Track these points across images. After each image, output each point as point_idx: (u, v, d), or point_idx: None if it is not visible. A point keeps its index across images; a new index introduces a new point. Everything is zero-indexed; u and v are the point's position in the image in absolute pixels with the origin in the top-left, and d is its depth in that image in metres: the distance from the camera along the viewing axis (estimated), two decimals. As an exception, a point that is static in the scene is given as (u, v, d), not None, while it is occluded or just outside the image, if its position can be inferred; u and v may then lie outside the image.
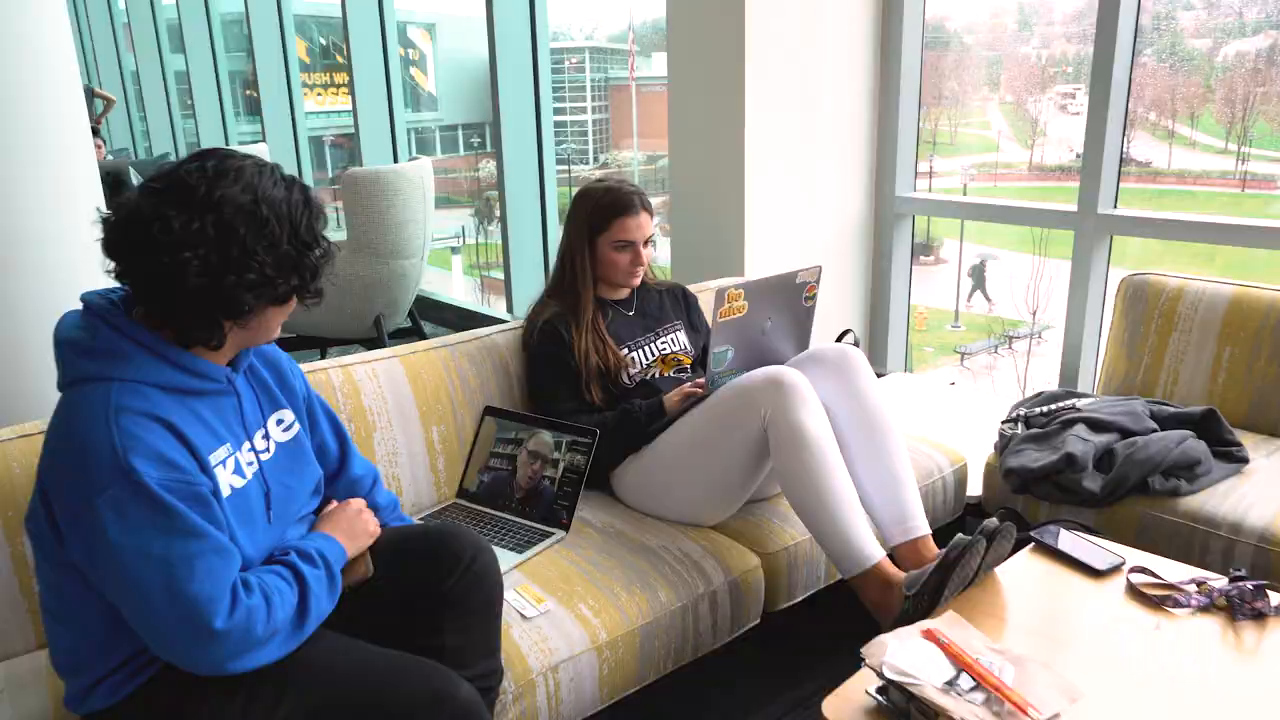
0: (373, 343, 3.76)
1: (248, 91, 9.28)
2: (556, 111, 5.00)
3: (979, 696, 1.19)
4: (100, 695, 1.24)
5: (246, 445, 1.31)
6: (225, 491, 1.24)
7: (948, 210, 3.37)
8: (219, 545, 1.17)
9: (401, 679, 1.27)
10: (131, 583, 1.13)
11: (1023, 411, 2.21)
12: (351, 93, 5.76)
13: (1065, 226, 2.84)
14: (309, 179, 6.99)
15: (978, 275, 14.42)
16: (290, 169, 5.24)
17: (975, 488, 2.23)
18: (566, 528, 1.82)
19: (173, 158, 7.38)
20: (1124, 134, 2.80)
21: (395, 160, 5.79)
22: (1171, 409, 2.12)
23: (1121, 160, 2.81)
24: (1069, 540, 1.67)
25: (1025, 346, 12.55)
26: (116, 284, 1.24)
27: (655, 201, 2.14)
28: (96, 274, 2.63)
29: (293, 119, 6.92)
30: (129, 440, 1.13)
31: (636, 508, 1.94)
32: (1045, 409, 2.18)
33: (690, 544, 1.78)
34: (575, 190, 2.12)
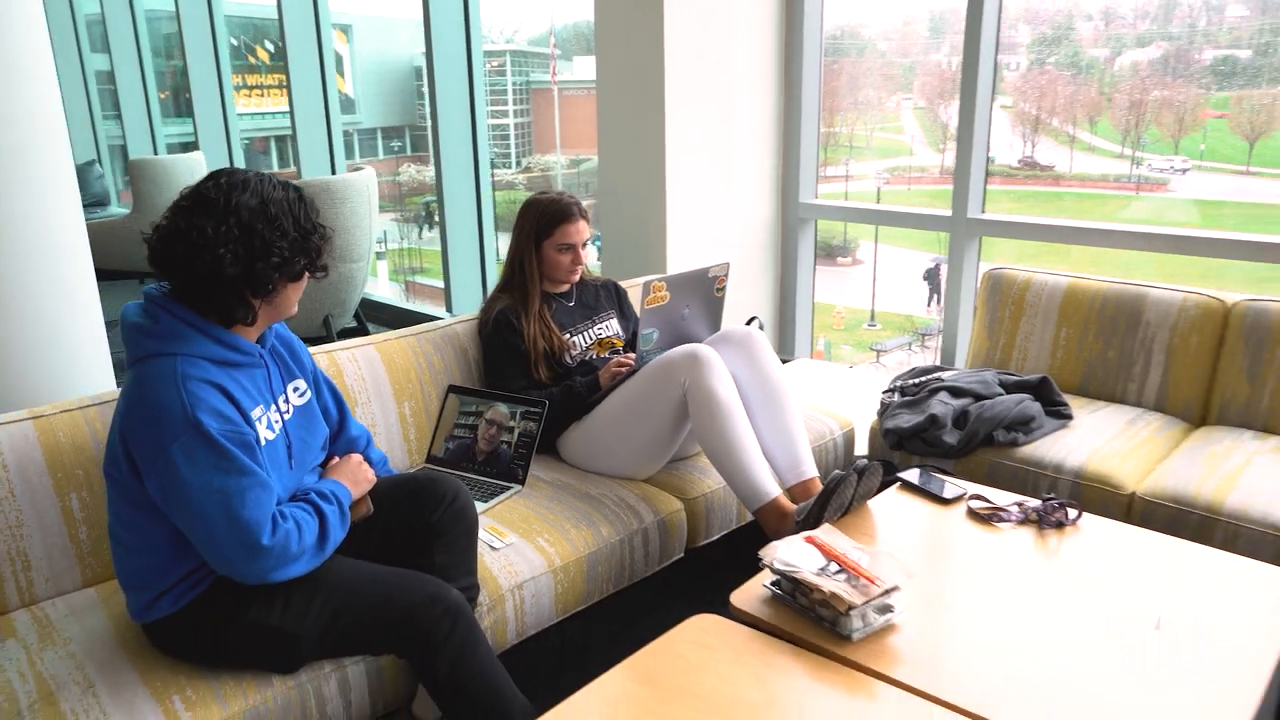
0: (322, 341, 4.07)
1: (162, 94, 9.29)
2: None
3: (842, 576, 1.63)
4: (165, 604, 1.60)
5: (274, 407, 1.69)
6: (262, 442, 1.61)
7: (843, 215, 3.88)
8: (263, 481, 1.54)
9: (404, 585, 1.66)
10: (198, 510, 1.49)
11: (899, 383, 2.70)
12: (289, 95, 5.97)
13: (942, 229, 3.36)
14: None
15: (933, 280, 14.96)
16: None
17: (862, 447, 2.70)
18: (523, 482, 2.23)
19: (98, 165, 7.48)
20: (989, 145, 3.33)
21: (332, 162, 6.05)
22: (1015, 378, 2.63)
23: (990, 165, 3.35)
24: (926, 479, 2.15)
25: (936, 343, 13.32)
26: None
27: (583, 204, 2.56)
28: (76, 269, 2.90)
29: (225, 121, 7.09)
30: (195, 400, 1.50)
31: (580, 466, 2.35)
32: (916, 380, 2.67)
33: (625, 492, 2.21)
34: (521, 200, 2.53)
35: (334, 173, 6.13)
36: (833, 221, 3.96)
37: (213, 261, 1.53)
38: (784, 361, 3.55)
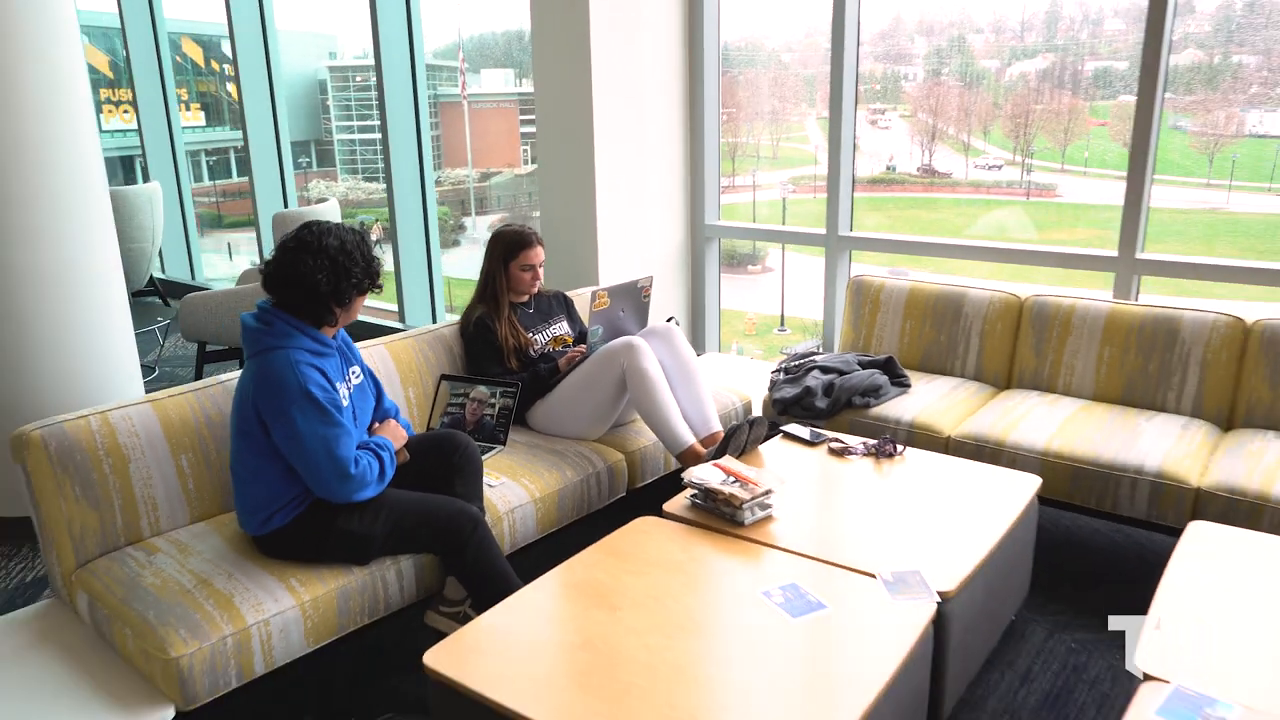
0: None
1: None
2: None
3: (737, 485, 2.56)
4: (277, 520, 2.42)
5: (345, 384, 2.53)
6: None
7: (740, 234, 4.87)
8: (350, 431, 2.39)
9: (439, 502, 2.53)
10: (308, 450, 2.33)
11: (783, 364, 3.67)
12: (241, 112, 6.57)
13: (818, 245, 4.36)
14: (188, 191, 7.79)
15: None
16: (169, 182, 6.56)
17: (756, 413, 3.66)
18: (504, 443, 3.11)
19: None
20: (854, 168, 4.33)
21: (282, 174, 6.70)
22: (869, 358, 3.62)
23: (851, 178, 4.35)
24: (799, 429, 3.11)
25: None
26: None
27: (493, 218, 3.45)
28: (111, 287, 3.64)
29: (170, 134, 7.67)
30: (305, 378, 2.34)
31: (546, 431, 3.25)
32: (796, 362, 3.65)
33: (582, 448, 3.11)
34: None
35: (283, 184, 6.78)
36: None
37: (312, 285, 2.38)
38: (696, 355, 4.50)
